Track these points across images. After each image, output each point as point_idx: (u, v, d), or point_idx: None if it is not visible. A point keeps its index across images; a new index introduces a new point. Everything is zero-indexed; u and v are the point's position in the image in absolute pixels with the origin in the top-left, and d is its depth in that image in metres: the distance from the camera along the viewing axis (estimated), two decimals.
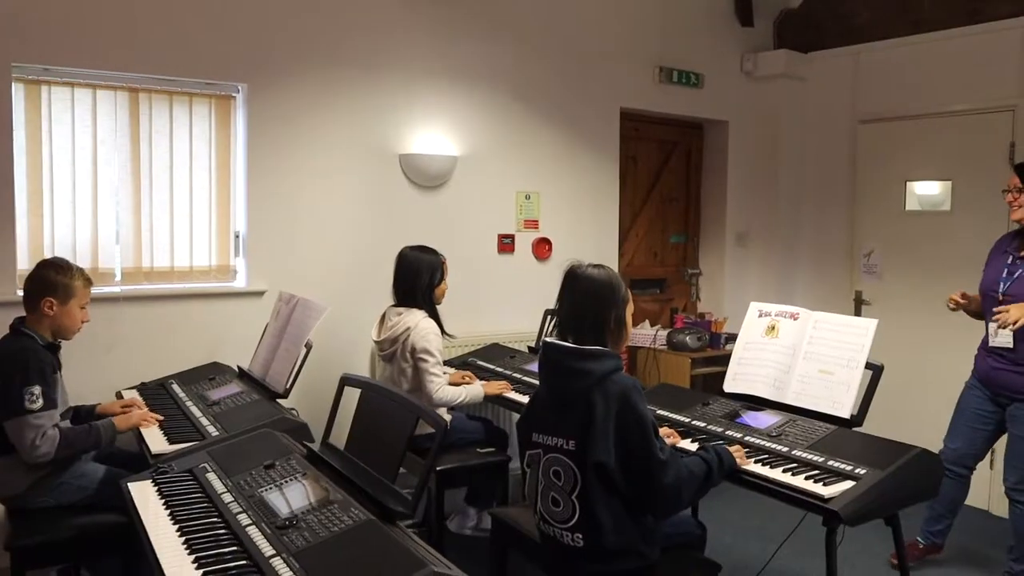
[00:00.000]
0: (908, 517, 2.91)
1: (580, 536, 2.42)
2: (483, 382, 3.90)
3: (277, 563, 1.85)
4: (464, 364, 4.32)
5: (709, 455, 2.57)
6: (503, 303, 4.96)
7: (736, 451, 2.70)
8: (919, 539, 4.01)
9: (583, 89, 5.25)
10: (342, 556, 1.82)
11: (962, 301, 3.70)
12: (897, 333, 4.89)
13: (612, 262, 5.37)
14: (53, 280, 2.98)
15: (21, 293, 3.61)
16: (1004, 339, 3.51)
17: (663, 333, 5.44)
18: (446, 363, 4.05)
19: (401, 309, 3.72)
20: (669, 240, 6.12)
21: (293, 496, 2.19)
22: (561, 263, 5.07)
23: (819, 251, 5.96)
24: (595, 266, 2.56)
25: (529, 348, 4.46)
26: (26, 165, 3.74)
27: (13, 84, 3.66)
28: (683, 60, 5.66)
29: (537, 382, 3.86)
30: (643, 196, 5.95)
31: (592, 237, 5.33)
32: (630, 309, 2.59)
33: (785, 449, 2.76)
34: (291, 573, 1.79)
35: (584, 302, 2.51)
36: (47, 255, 3.77)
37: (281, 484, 2.27)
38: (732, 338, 5.57)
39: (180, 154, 4.08)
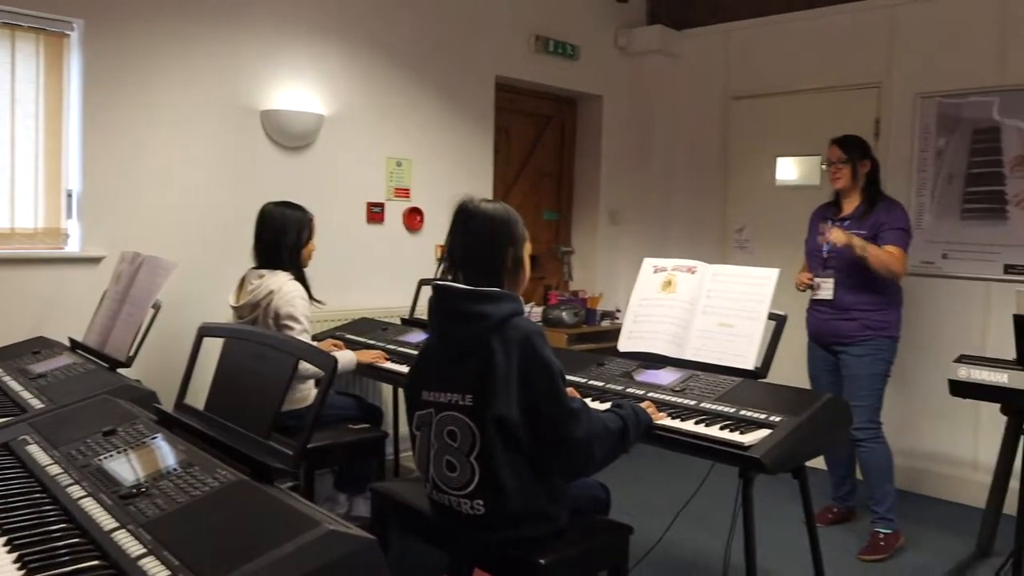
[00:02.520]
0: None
1: (480, 503, 2.16)
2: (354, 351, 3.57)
3: (121, 536, 1.47)
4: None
5: (624, 410, 2.34)
6: (372, 276, 4.61)
7: (648, 407, 2.50)
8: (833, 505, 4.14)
9: (457, 53, 4.98)
10: (209, 521, 1.47)
11: (810, 283, 3.92)
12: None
13: None
14: None
15: None
16: (825, 292, 3.84)
17: (537, 310, 5.28)
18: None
19: (263, 271, 3.33)
20: (542, 217, 5.94)
21: (141, 462, 1.81)
22: (433, 235, 4.94)
23: (692, 227, 5.91)
24: (489, 201, 2.32)
25: (402, 320, 4.15)
26: None
27: None
28: (559, 31, 5.50)
29: (415, 352, 3.60)
30: (516, 171, 5.74)
31: None
32: (528, 248, 2.35)
33: (692, 403, 2.59)
34: (139, 545, 1.43)
35: (479, 240, 2.26)
36: None
37: (125, 451, 1.88)
38: (608, 315, 5.51)
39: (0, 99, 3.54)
